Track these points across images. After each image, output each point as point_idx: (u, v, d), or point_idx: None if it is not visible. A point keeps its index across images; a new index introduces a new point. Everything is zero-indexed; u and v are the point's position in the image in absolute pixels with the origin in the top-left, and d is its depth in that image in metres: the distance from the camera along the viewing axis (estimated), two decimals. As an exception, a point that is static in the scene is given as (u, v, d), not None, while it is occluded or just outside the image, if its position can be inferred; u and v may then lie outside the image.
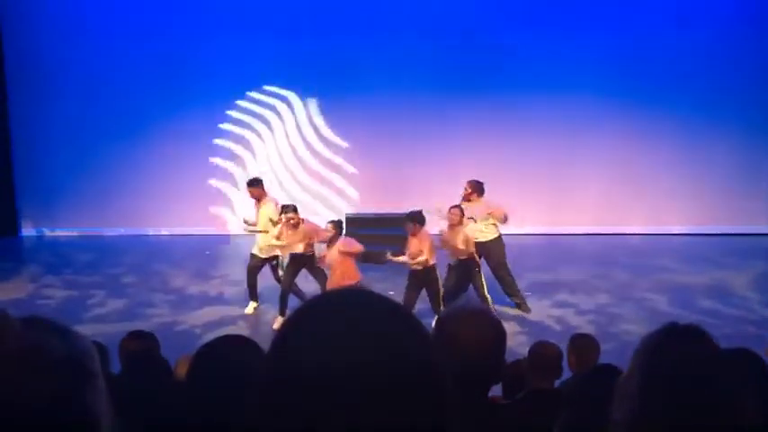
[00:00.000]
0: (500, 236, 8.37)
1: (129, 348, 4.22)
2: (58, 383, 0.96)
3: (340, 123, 12.28)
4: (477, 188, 8.32)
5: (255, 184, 8.45)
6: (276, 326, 7.74)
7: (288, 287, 7.86)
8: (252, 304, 8.34)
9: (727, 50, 11.88)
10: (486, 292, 7.89)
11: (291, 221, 7.75)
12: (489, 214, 8.26)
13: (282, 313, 7.76)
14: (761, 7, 11.97)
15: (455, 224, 7.79)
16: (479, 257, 7.99)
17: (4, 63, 12.35)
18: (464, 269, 7.84)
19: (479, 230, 8.17)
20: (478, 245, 8.04)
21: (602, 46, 11.94)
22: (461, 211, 7.89)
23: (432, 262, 7.59)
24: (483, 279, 7.94)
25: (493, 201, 8.37)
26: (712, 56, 11.89)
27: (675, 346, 1.35)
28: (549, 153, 12.10)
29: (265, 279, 8.53)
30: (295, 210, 7.84)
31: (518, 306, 8.39)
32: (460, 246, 7.71)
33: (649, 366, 1.34)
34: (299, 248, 7.86)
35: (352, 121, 12.19)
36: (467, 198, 8.30)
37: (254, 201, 8.52)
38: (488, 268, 8.33)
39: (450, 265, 7.90)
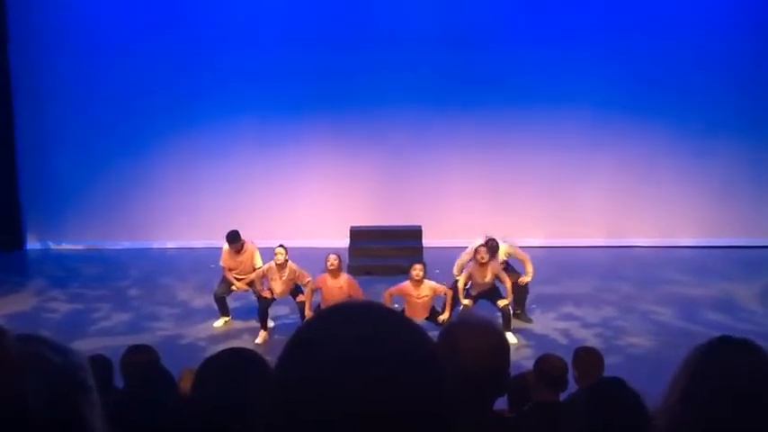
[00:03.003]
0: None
1: (130, 363, 4.22)
2: (52, 395, 0.97)
3: (339, 137, 12.28)
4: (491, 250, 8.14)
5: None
6: (260, 341, 7.81)
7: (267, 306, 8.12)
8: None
9: (734, 62, 11.87)
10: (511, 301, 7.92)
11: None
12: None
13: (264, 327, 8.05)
14: (764, 17, 11.98)
15: (485, 262, 7.79)
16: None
17: (10, 76, 12.42)
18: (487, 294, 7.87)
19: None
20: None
21: (608, 58, 11.95)
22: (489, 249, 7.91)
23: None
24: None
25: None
26: (719, 68, 11.88)
27: (726, 356, 1.34)
28: (554, 165, 12.10)
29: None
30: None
31: (516, 316, 8.37)
32: (489, 280, 7.79)
33: (697, 374, 1.33)
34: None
35: (352, 134, 12.20)
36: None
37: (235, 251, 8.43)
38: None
39: (471, 295, 7.87)
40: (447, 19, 12.00)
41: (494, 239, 8.12)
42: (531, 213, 11.73)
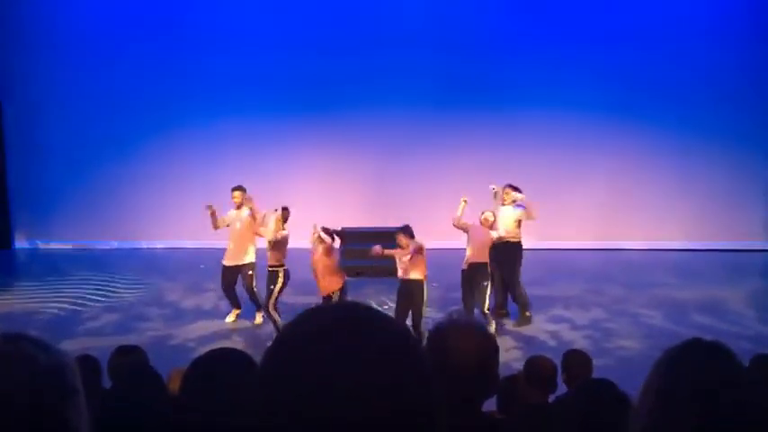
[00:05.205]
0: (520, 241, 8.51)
1: (119, 363, 4.20)
2: (36, 395, 0.96)
3: (331, 139, 12.27)
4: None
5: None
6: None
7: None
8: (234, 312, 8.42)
9: (724, 68, 11.98)
10: (486, 308, 7.86)
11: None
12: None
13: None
14: (757, 25, 12.08)
15: (485, 225, 7.96)
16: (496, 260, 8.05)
17: (-1, 76, 12.38)
18: (475, 275, 7.85)
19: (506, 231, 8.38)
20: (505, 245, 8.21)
21: (601, 62, 12.02)
22: (493, 214, 8.19)
23: (421, 276, 7.63)
24: (488, 294, 7.91)
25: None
26: (710, 73, 11.99)
27: (697, 359, 1.33)
28: (545, 169, 12.14)
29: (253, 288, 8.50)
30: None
31: (520, 317, 8.42)
32: (485, 240, 7.88)
33: (668, 378, 1.32)
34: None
35: (345, 136, 12.20)
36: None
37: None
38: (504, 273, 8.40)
39: (463, 270, 7.89)
40: (438, 22, 12.03)
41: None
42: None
